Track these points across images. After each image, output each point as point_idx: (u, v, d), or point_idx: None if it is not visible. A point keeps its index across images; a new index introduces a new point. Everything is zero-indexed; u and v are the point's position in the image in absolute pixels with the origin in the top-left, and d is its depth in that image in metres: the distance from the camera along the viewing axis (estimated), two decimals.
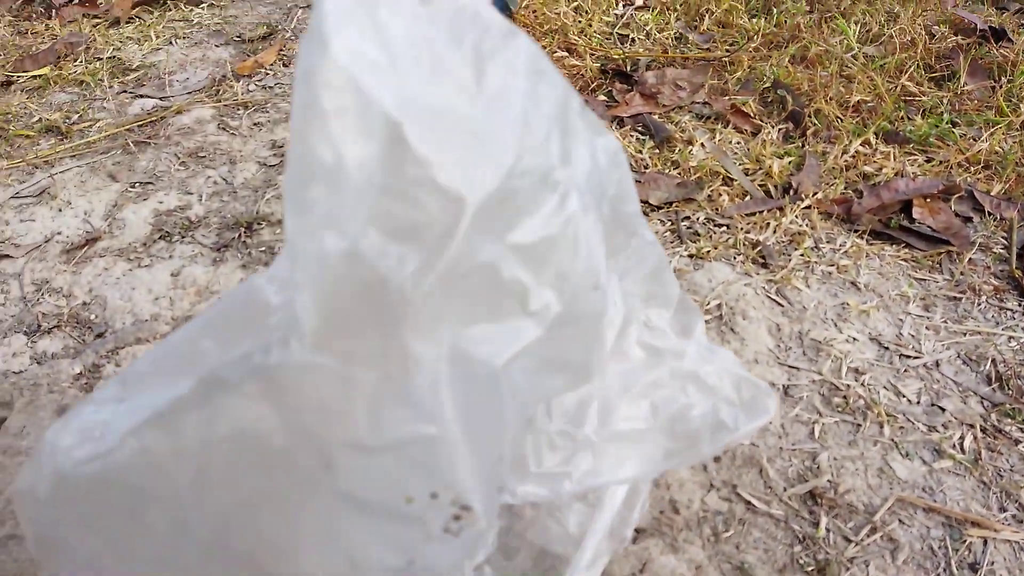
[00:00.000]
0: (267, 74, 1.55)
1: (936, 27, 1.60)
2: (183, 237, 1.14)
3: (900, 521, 0.78)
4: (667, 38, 1.60)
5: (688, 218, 1.17)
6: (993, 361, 0.94)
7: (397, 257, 0.36)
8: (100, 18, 1.74)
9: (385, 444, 0.38)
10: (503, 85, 0.40)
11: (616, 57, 1.54)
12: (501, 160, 0.39)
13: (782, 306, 1.02)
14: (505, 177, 0.39)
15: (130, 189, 1.23)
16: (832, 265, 1.08)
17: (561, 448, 0.53)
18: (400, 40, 0.37)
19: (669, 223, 1.16)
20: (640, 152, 1.29)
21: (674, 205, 1.18)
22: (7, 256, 1.11)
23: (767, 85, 1.41)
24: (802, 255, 1.09)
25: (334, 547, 0.40)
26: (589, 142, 0.47)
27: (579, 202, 0.43)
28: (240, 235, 1.14)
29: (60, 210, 1.19)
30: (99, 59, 1.58)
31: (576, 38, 1.59)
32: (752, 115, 1.36)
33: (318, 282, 0.35)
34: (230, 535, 0.40)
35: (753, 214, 1.17)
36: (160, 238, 1.14)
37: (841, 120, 1.34)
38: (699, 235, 1.13)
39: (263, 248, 1.12)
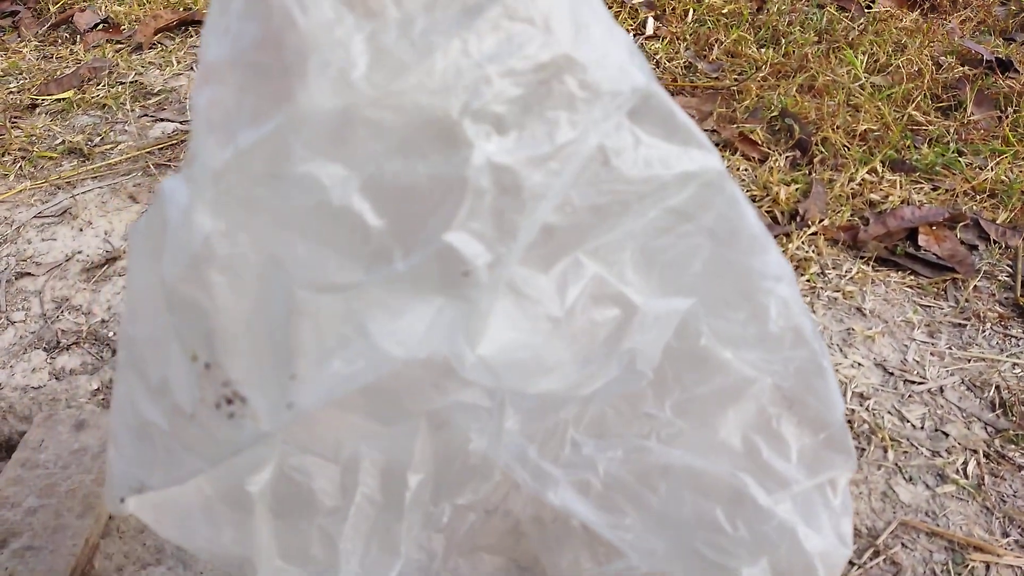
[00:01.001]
0: None
1: (943, 58, 1.62)
2: None
3: (903, 545, 0.79)
4: (676, 67, 1.63)
5: None
6: (997, 388, 0.95)
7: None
8: (123, 44, 1.78)
9: (172, 293, 0.39)
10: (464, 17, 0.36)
11: None
12: (380, 83, 0.35)
13: None
14: (368, 104, 0.35)
15: None
16: (838, 291, 1.09)
17: (569, 459, 0.50)
18: None
19: None
20: None
21: None
22: (28, 274, 1.14)
23: (775, 114, 1.43)
24: (808, 281, 1.10)
25: (164, 360, 0.42)
26: (634, 140, 0.42)
27: (490, 177, 0.37)
28: None
29: (81, 230, 1.22)
30: (121, 83, 1.62)
31: None
32: (760, 143, 1.38)
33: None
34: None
35: None
36: None
37: (848, 148, 1.35)
38: None
39: None
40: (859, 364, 0.98)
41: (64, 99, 1.56)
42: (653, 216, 0.44)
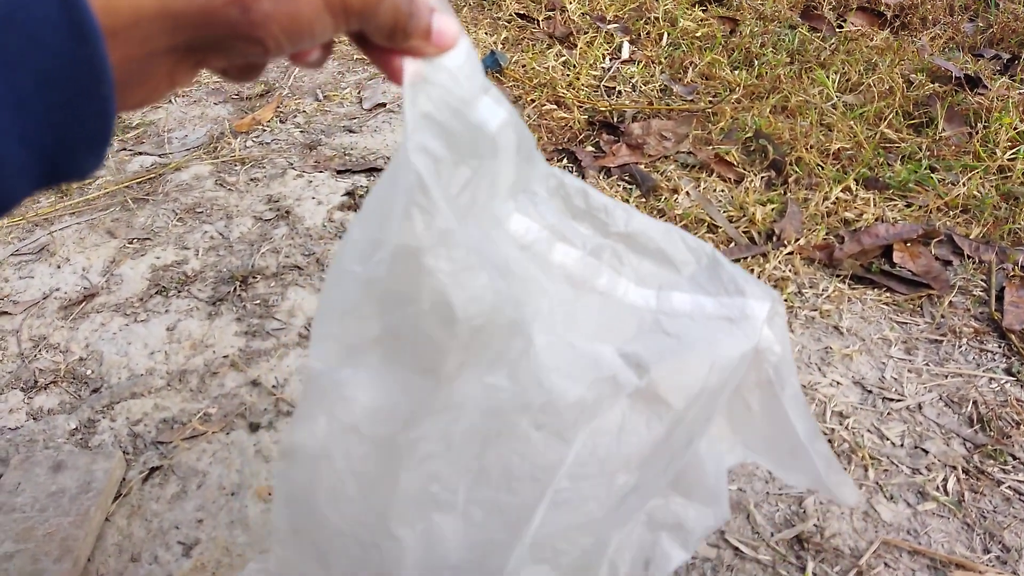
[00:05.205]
0: (264, 131, 1.59)
1: (914, 75, 1.65)
2: (179, 292, 1.16)
3: (886, 564, 0.79)
4: (652, 90, 1.65)
5: None
6: (975, 403, 0.96)
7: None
8: None
9: None
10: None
11: (603, 109, 1.59)
12: None
13: None
14: None
15: (128, 245, 1.26)
16: (815, 310, 1.10)
17: None
18: None
19: None
20: (627, 201, 1.32)
21: None
22: (5, 313, 1.13)
23: (749, 135, 1.45)
24: (786, 300, 1.11)
25: None
26: None
27: None
28: (235, 289, 1.16)
29: (59, 267, 1.22)
30: None
31: (564, 91, 1.64)
32: (735, 164, 1.40)
33: None
34: None
35: (738, 260, 1.19)
36: (157, 293, 1.16)
37: (822, 167, 1.37)
38: None
39: (258, 301, 1.14)
40: (838, 383, 0.99)
41: None
42: None
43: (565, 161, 1.45)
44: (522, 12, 2.01)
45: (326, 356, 0.42)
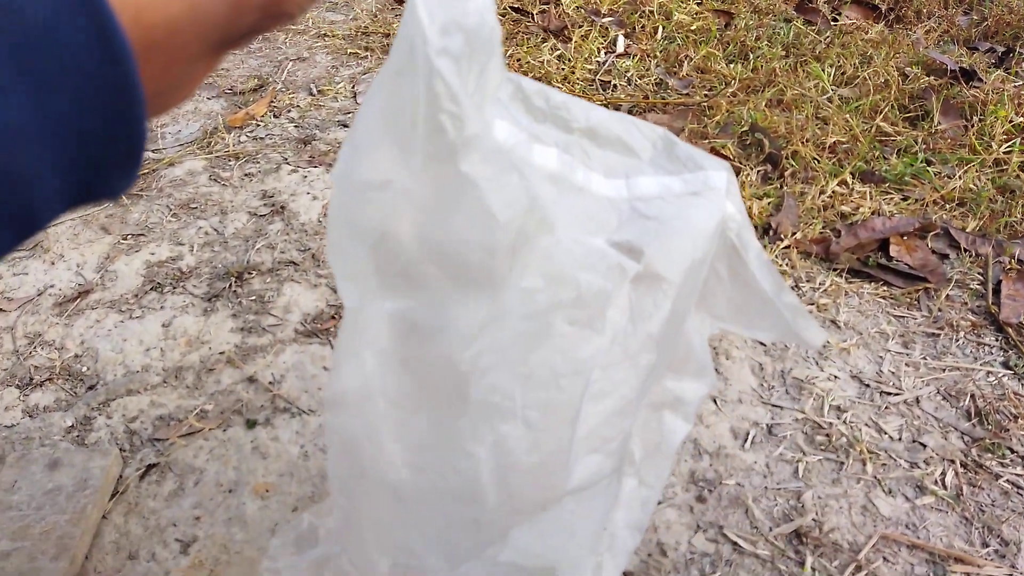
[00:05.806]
0: (258, 125, 1.58)
1: (909, 68, 1.65)
2: (174, 288, 1.15)
3: (884, 559, 0.79)
4: (648, 84, 1.65)
5: None
6: (972, 396, 0.96)
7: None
8: None
9: None
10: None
11: (598, 103, 1.58)
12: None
13: (764, 345, 1.03)
14: None
15: (122, 241, 1.25)
16: (812, 304, 1.10)
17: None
18: None
19: None
20: None
21: None
22: (0, 310, 1.12)
23: (745, 128, 1.45)
24: None
25: None
26: None
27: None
28: (231, 285, 1.16)
29: (53, 263, 1.21)
30: None
31: (560, 85, 1.63)
32: (731, 158, 1.39)
33: None
34: None
35: None
36: (151, 289, 1.15)
37: (818, 161, 1.37)
38: None
39: (253, 297, 1.13)
40: (835, 377, 0.99)
41: None
42: None
43: None
44: (516, 6, 2.00)
45: (360, 292, 0.41)
